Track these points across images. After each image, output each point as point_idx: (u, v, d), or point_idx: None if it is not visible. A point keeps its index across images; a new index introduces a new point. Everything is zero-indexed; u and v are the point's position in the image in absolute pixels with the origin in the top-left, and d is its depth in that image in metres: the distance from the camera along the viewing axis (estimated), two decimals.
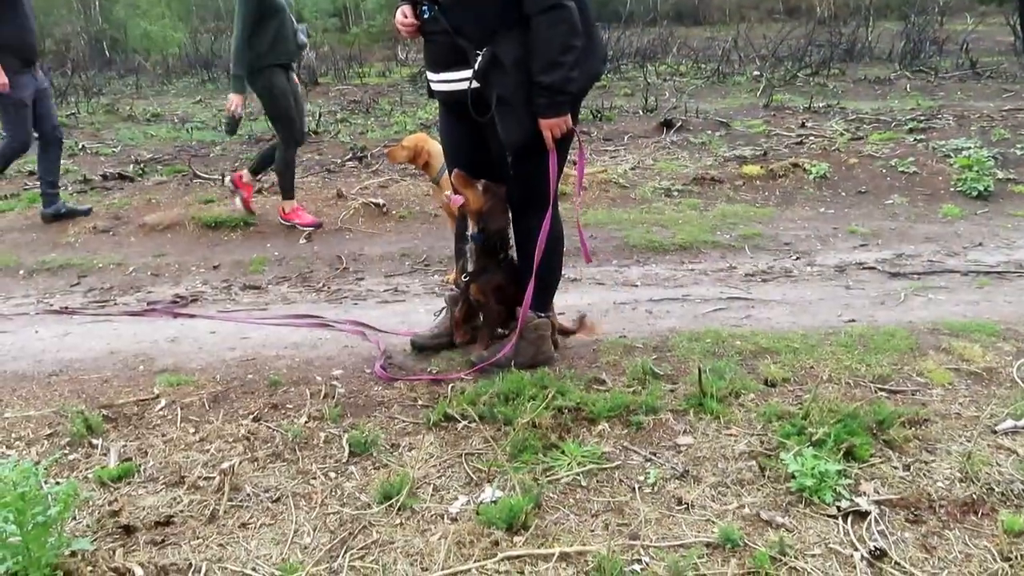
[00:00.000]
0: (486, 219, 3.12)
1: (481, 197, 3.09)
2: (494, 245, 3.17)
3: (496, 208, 3.12)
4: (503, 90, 2.79)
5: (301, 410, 2.85)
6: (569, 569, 1.99)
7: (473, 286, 3.19)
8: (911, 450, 2.49)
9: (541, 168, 2.94)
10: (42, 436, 2.72)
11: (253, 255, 5.19)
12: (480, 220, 3.13)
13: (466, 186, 3.10)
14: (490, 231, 3.14)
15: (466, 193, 3.10)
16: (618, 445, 2.57)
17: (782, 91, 10.71)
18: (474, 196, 3.09)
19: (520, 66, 2.76)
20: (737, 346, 3.34)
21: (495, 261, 3.18)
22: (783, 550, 2.03)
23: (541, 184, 2.96)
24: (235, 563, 2.05)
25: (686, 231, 5.41)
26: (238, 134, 8.53)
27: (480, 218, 3.12)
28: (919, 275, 4.54)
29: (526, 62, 2.76)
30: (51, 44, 18.43)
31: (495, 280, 3.19)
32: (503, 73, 2.77)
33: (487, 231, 3.14)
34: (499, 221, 3.14)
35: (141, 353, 3.51)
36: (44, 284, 4.86)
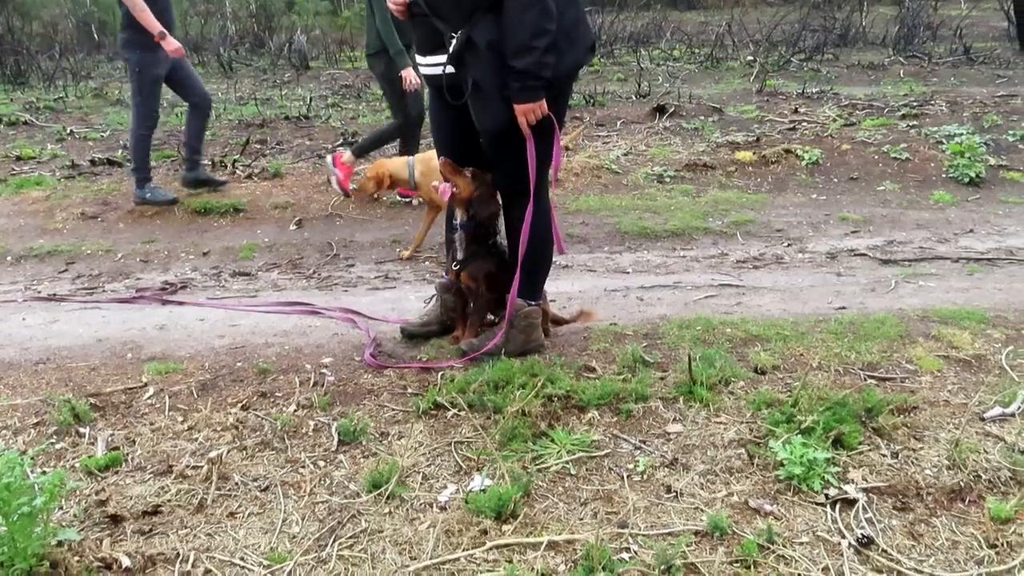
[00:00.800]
0: (475, 206, 3.10)
1: (470, 184, 3.07)
2: (484, 232, 3.15)
3: (485, 194, 3.10)
4: (477, 74, 2.76)
5: (290, 398, 2.84)
6: (558, 557, 2.00)
7: (464, 273, 3.18)
8: (899, 438, 2.50)
9: (520, 155, 2.90)
10: (29, 425, 2.70)
11: (243, 241, 5.16)
12: (469, 207, 3.11)
13: (454, 174, 3.07)
14: (480, 218, 3.12)
15: (455, 181, 3.08)
16: (608, 433, 2.57)
17: (775, 76, 10.68)
18: (463, 183, 3.07)
19: (494, 50, 2.72)
20: (727, 333, 3.35)
21: (485, 248, 3.17)
22: (771, 538, 2.03)
23: (522, 171, 2.94)
24: (223, 552, 2.05)
25: (678, 217, 5.40)
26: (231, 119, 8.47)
27: (469, 205, 3.10)
28: (910, 262, 4.55)
29: (501, 46, 2.72)
30: (38, 27, 18.22)
31: (485, 267, 3.17)
32: (477, 57, 2.74)
33: (477, 218, 3.12)
34: (488, 207, 3.12)
35: (129, 341, 3.49)
36: (32, 271, 4.82)
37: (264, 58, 14.99)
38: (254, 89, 11.21)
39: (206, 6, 21.22)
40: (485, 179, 3.09)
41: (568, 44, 2.80)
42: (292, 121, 8.62)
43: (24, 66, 13.00)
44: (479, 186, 3.09)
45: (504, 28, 2.69)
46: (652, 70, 11.84)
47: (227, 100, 10.23)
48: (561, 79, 2.87)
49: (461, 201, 3.11)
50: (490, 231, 3.17)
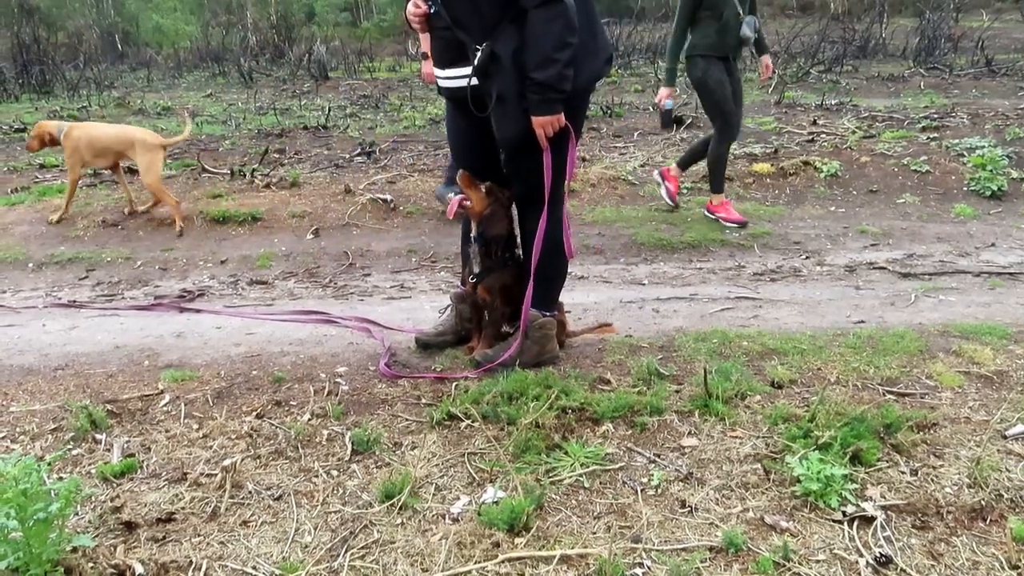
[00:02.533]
0: (486, 223, 3.10)
1: (484, 199, 3.07)
2: (498, 247, 3.15)
3: (498, 212, 3.09)
4: (501, 86, 2.76)
5: (304, 407, 2.85)
6: (570, 572, 1.98)
7: (480, 286, 3.17)
8: (919, 454, 2.46)
9: (536, 166, 2.91)
10: (47, 431, 2.73)
11: (260, 250, 5.19)
12: (480, 223, 3.11)
13: (470, 187, 3.08)
14: (489, 236, 3.11)
15: (470, 194, 3.08)
16: (622, 446, 2.55)
17: (794, 88, 10.64)
18: (477, 198, 3.08)
19: (517, 61, 2.72)
20: (744, 347, 3.32)
21: (501, 261, 3.16)
22: (787, 555, 2.00)
23: (538, 181, 2.94)
24: (236, 561, 2.05)
25: (695, 229, 5.37)
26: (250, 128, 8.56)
27: (481, 221, 3.11)
28: (930, 276, 4.50)
29: (523, 57, 2.72)
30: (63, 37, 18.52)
31: (501, 280, 3.17)
32: (501, 69, 2.74)
33: (486, 236, 3.11)
34: (500, 226, 3.11)
35: (147, 348, 3.52)
36: (52, 277, 4.87)
37: (284, 68, 15.15)
38: (273, 99, 11.32)
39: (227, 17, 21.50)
40: (501, 196, 3.09)
41: (586, 56, 2.80)
42: (311, 131, 8.68)
43: (49, 75, 13.22)
44: (492, 203, 3.08)
45: (526, 40, 2.69)
46: None
47: (247, 110, 10.33)
48: (579, 91, 2.87)
49: (475, 215, 3.11)
50: (506, 245, 3.17)
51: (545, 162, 2.89)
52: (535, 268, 3.02)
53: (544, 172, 2.90)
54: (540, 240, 2.98)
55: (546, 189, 2.93)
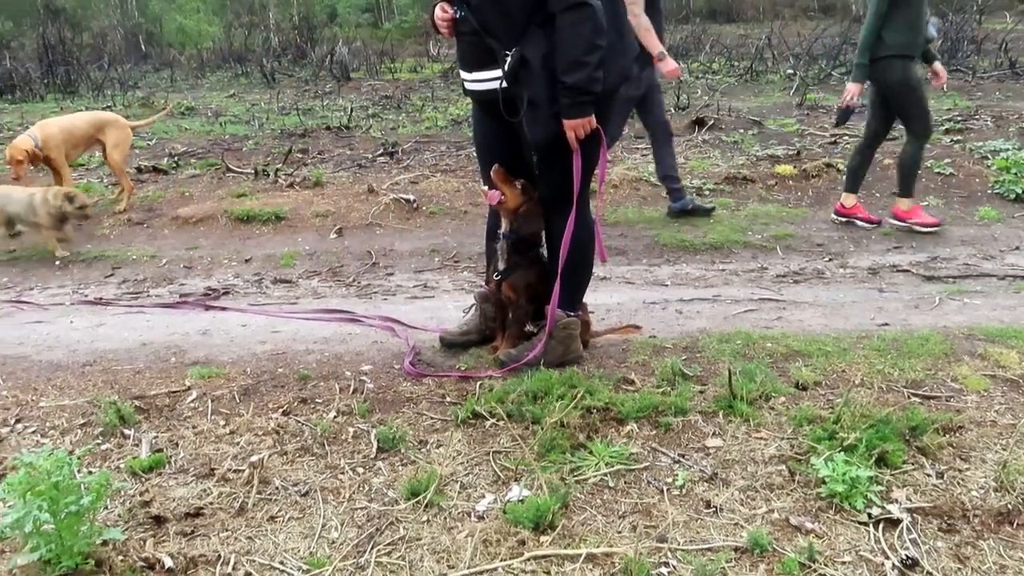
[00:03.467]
0: (520, 219, 3.12)
1: (519, 196, 3.09)
2: (526, 244, 3.16)
3: (532, 209, 3.11)
4: (532, 91, 2.78)
5: (330, 405, 2.87)
6: (596, 570, 1.98)
7: (505, 284, 3.19)
8: (945, 457, 2.45)
9: (567, 168, 2.92)
10: (76, 426, 2.77)
11: (284, 249, 5.24)
12: (515, 219, 3.12)
13: (505, 183, 3.09)
14: (523, 232, 3.13)
15: (504, 190, 3.09)
16: (646, 446, 2.55)
17: (816, 90, 10.56)
18: (512, 194, 3.09)
19: (547, 65, 2.73)
20: (768, 348, 3.31)
21: (526, 259, 3.18)
22: (812, 556, 2.00)
23: (567, 183, 2.95)
24: (263, 556, 2.07)
25: (717, 231, 5.36)
26: (273, 129, 8.64)
27: (515, 217, 3.12)
28: (954, 279, 4.46)
29: (553, 61, 2.73)
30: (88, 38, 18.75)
31: (526, 278, 3.18)
32: (531, 73, 2.75)
33: (520, 232, 3.13)
34: (533, 224, 3.14)
35: (173, 345, 3.56)
36: (80, 275, 4.94)
37: (306, 69, 15.25)
38: (296, 99, 11.40)
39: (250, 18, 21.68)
40: (534, 194, 3.11)
41: (614, 56, 2.80)
42: (333, 131, 8.74)
43: (74, 76, 13.39)
44: (527, 200, 3.10)
45: (556, 44, 2.70)
46: (691, 83, 11.78)
47: (270, 110, 10.42)
48: (607, 91, 2.88)
49: (507, 211, 3.13)
50: (533, 244, 3.18)
51: (575, 164, 2.90)
52: (562, 268, 3.03)
53: (574, 174, 2.91)
54: (568, 241, 2.99)
55: (575, 190, 2.94)
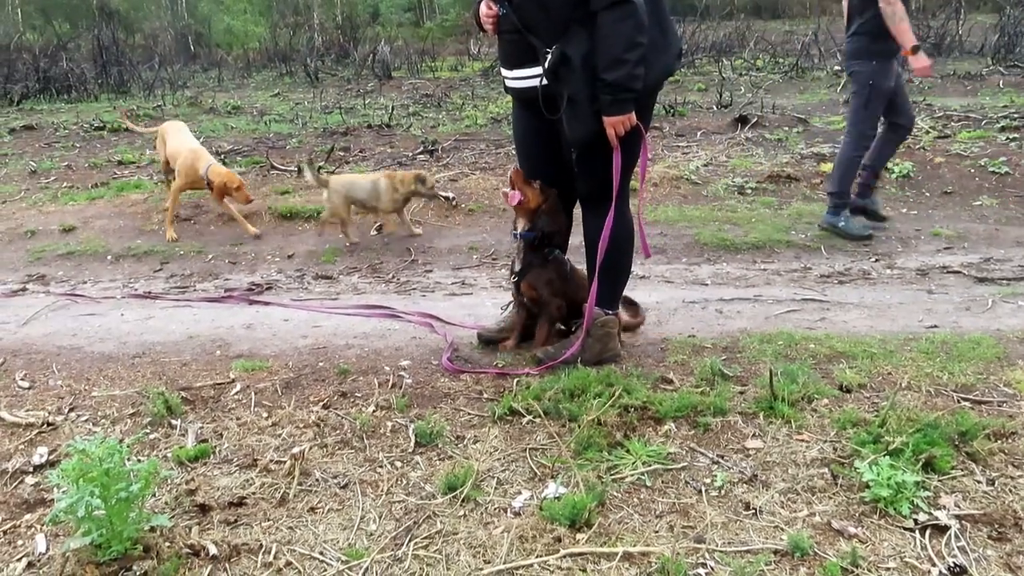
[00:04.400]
0: (543, 218, 3.13)
1: (539, 195, 3.11)
2: (544, 243, 3.17)
3: (553, 207, 3.13)
4: (572, 88, 2.77)
5: (369, 399, 2.90)
6: (632, 569, 1.97)
7: (524, 284, 3.19)
8: (996, 464, 2.38)
9: (607, 165, 2.91)
10: (126, 415, 2.85)
11: (326, 246, 5.31)
12: (537, 218, 3.14)
13: (524, 184, 3.12)
14: (546, 231, 3.15)
15: (524, 191, 3.12)
16: (684, 446, 2.53)
17: None
18: (532, 194, 3.12)
19: (588, 63, 2.73)
20: (811, 349, 3.25)
21: (541, 257, 3.18)
22: (855, 561, 1.96)
23: (607, 181, 2.94)
24: (303, 546, 2.10)
25: (759, 230, 5.28)
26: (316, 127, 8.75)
27: (536, 216, 3.13)
28: (1009, 281, 4.32)
29: (594, 59, 2.73)
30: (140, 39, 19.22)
31: (545, 275, 3.19)
32: (572, 71, 2.75)
33: (543, 230, 3.14)
34: (555, 222, 3.15)
35: (218, 338, 3.63)
36: (129, 269, 5.07)
37: (349, 68, 15.43)
38: (339, 98, 11.54)
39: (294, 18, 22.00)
40: (553, 194, 3.13)
41: (656, 52, 2.78)
42: (374, 129, 8.82)
43: (126, 76, 13.75)
44: (548, 199, 3.12)
45: (597, 41, 2.70)
46: (734, 80, 11.64)
47: (313, 109, 10.57)
48: (650, 88, 2.86)
49: (528, 211, 3.14)
50: (554, 242, 3.19)
51: (615, 161, 2.89)
52: (600, 266, 3.02)
53: (614, 171, 2.90)
54: (607, 238, 2.98)
55: (615, 188, 2.93)
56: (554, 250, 3.21)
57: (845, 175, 5.13)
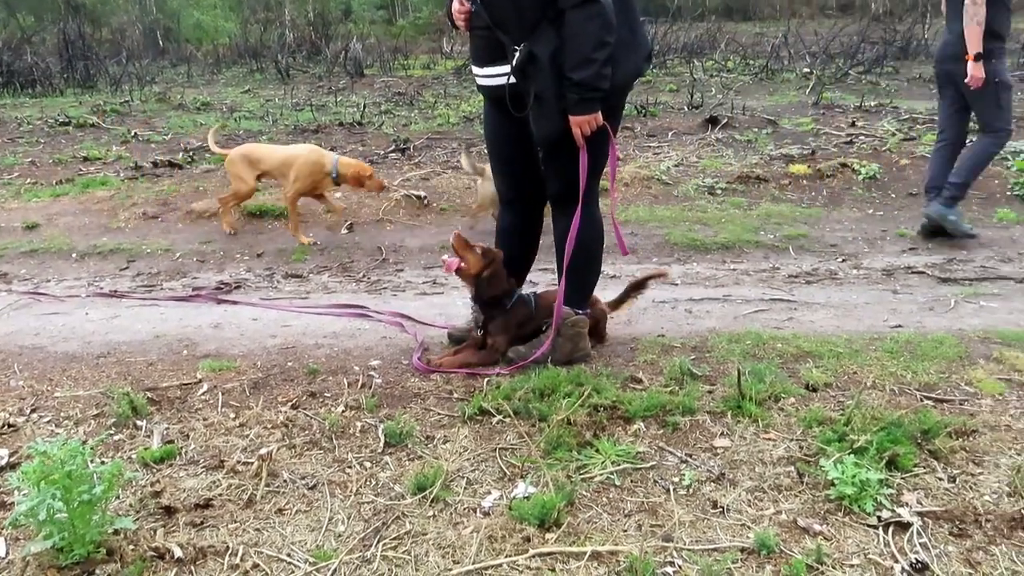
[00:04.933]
0: (483, 285, 3.08)
1: (480, 261, 3.06)
2: (493, 306, 3.13)
3: (494, 274, 3.07)
4: (539, 86, 2.77)
5: (338, 399, 2.88)
6: (600, 568, 1.98)
7: (489, 336, 3.15)
8: (957, 461, 2.43)
9: (574, 165, 2.92)
10: (90, 416, 2.80)
11: (296, 244, 5.26)
12: (477, 284, 3.09)
13: (466, 249, 3.06)
14: (486, 296, 3.09)
15: (465, 256, 3.06)
16: (653, 445, 2.55)
17: (832, 89, 10.49)
18: (473, 260, 3.06)
19: (555, 61, 2.73)
20: (778, 348, 3.29)
21: (501, 309, 3.14)
22: (820, 558, 1.99)
23: (575, 181, 2.94)
24: (271, 548, 2.08)
25: (729, 230, 5.33)
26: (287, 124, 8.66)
27: (477, 282, 3.09)
28: (971, 281, 4.41)
29: (561, 57, 2.72)
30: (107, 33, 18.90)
31: (508, 323, 3.15)
32: (539, 69, 2.75)
33: (483, 296, 3.10)
34: (495, 287, 3.09)
35: (185, 338, 3.59)
36: (95, 267, 4.99)
37: (320, 65, 15.31)
38: (310, 95, 11.44)
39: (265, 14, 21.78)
40: (497, 257, 3.08)
41: (625, 53, 2.79)
42: (346, 127, 8.77)
43: (93, 71, 13.51)
44: (489, 264, 3.06)
45: (564, 40, 2.70)
46: (705, 81, 11.74)
47: (284, 106, 10.47)
48: (618, 89, 2.87)
49: (468, 277, 3.09)
50: (499, 304, 3.13)
51: (582, 161, 2.90)
52: (567, 266, 3.02)
53: (580, 171, 2.91)
54: (573, 239, 2.98)
55: (581, 188, 2.93)
56: (513, 295, 3.17)
57: (974, 168, 5.07)
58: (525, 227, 3.29)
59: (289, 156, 5.31)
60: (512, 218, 3.29)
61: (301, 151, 5.37)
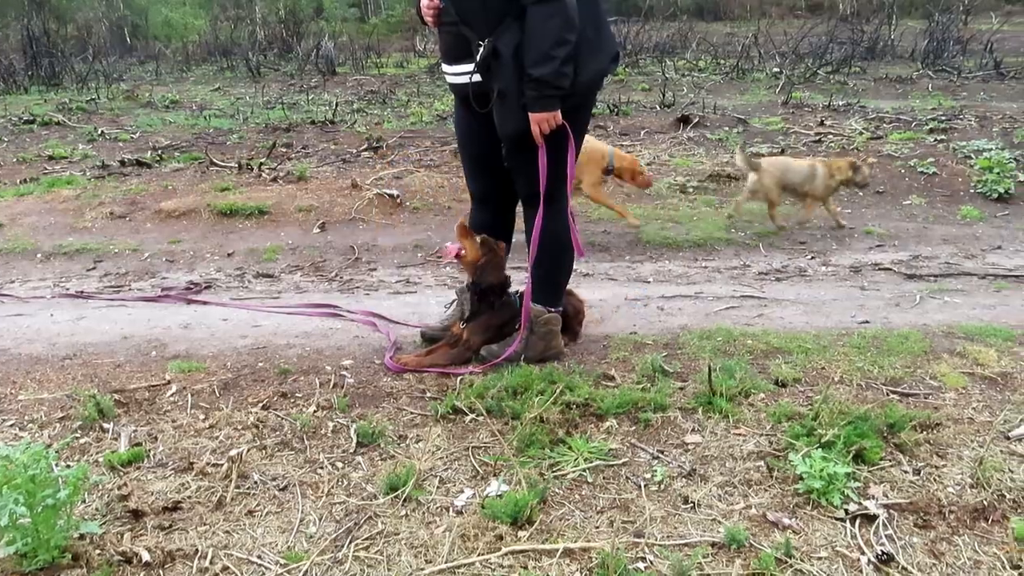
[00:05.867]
0: (481, 273, 3.12)
1: (478, 249, 3.11)
2: (490, 296, 3.16)
3: (492, 262, 3.12)
4: (502, 83, 2.77)
5: (310, 399, 2.86)
6: (573, 565, 1.99)
7: (467, 329, 3.17)
8: (922, 454, 2.47)
9: (537, 162, 2.92)
10: (55, 419, 2.75)
11: (267, 243, 5.21)
12: (476, 272, 3.13)
13: (465, 237, 3.11)
14: (484, 284, 3.14)
15: (464, 244, 3.11)
16: (625, 442, 2.56)
17: (801, 88, 10.61)
18: (471, 248, 3.11)
19: (518, 57, 2.73)
20: (748, 345, 3.33)
21: (488, 305, 3.18)
22: (789, 552, 2.01)
23: (539, 179, 2.95)
24: (241, 550, 2.06)
25: (700, 228, 5.38)
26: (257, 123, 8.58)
27: (475, 271, 3.13)
28: (935, 277, 4.49)
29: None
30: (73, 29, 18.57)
31: (488, 323, 3.17)
32: (502, 65, 2.75)
33: (480, 285, 3.14)
34: (493, 276, 3.14)
35: (154, 339, 3.53)
36: (61, 268, 4.90)
37: (292, 63, 15.17)
38: (281, 94, 11.34)
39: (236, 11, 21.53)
40: (497, 247, 3.13)
41: (590, 54, 2.80)
42: (318, 126, 8.70)
43: (58, 68, 13.25)
44: (487, 253, 3.11)
45: (525, 36, 2.69)
46: (677, 80, 11.82)
47: (254, 104, 10.36)
48: (582, 89, 2.87)
49: (468, 264, 3.14)
50: (498, 293, 3.18)
51: (540, 159, 2.89)
52: (532, 264, 3.03)
53: (540, 169, 2.91)
54: (537, 238, 2.99)
55: (542, 186, 2.93)
56: (502, 296, 3.20)
57: None
58: (497, 225, 3.29)
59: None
60: (484, 216, 3.28)
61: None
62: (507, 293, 3.22)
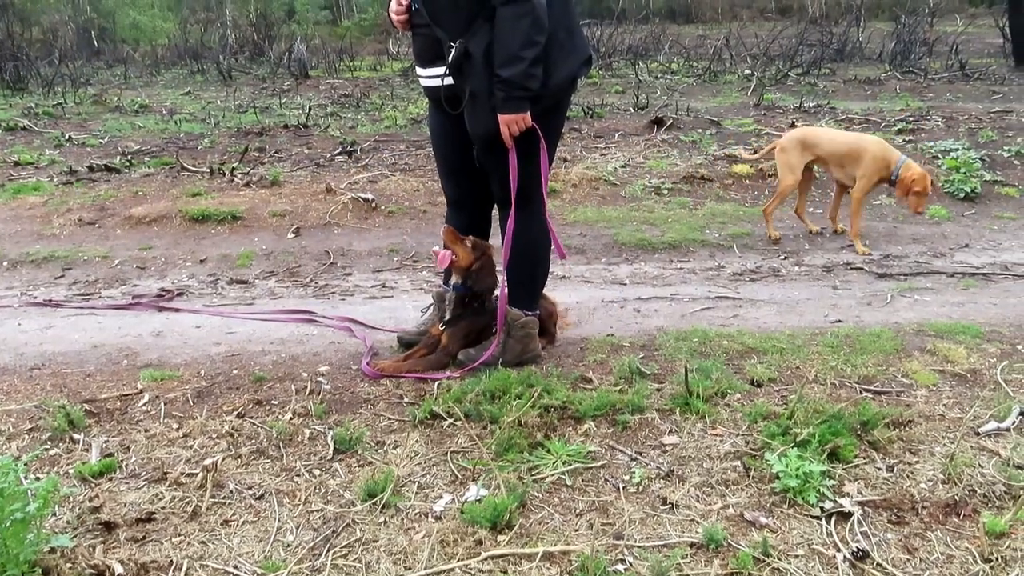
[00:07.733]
0: (473, 277, 3.12)
1: (470, 254, 3.10)
2: (476, 299, 3.16)
3: (485, 266, 3.12)
4: (474, 84, 2.77)
5: (286, 406, 2.84)
6: (552, 568, 1.99)
7: (446, 334, 3.16)
8: (895, 451, 2.51)
9: (509, 165, 2.92)
10: (23, 431, 2.69)
11: (240, 249, 5.16)
12: (468, 277, 3.12)
13: (455, 242, 3.09)
14: (476, 289, 3.13)
15: (455, 248, 3.09)
16: (604, 444, 2.57)
17: (773, 90, 10.73)
18: (463, 252, 3.09)
19: (489, 58, 2.72)
20: (724, 346, 3.35)
21: (471, 309, 3.18)
22: (766, 551, 2.03)
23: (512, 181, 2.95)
24: (217, 561, 2.04)
25: (675, 229, 5.41)
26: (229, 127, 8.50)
27: (468, 275, 3.12)
28: (906, 276, 4.56)
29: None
30: (38, 33, 18.26)
31: (471, 326, 3.17)
32: (473, 66, 2.74)
33: (473, 288, 3.13)
34: (486, 280, 3.14)
35: (125, 347, 3.48)
36: (28, 276, 4.80)
37: (264, 66, 15.04)
38: (253, 97, 11.23)
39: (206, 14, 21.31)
40: (488, 249, 3.12)
41: (562, 56, 2.80)
42: (291, 129, 8.63)
43: (23, 72, 13.02)
44: (480, 256, 3.11)
45: (494, 37, 2.69)
46: (650, 83, 11.89)
47: (226, 108, 10.26)
48: (554, 91, 2.87)
49: (460, 269, 3.12)
50: (483, 299, 3.18)
51: (511, 161, 2.89)
52: (506, 268, 3.03)
53: (511, 171, 2.90)
54: (509, 241, 2.99)
55: (513, 189, 2.93)
56: (484, 303, 3.20)
57: None
58: (473, 228, 3.28)
59: (854, 146, 4.91)
60: (459, 220, 3.27)
61: (864, 142, 4.98)
62: (489, 299, 3.21)
